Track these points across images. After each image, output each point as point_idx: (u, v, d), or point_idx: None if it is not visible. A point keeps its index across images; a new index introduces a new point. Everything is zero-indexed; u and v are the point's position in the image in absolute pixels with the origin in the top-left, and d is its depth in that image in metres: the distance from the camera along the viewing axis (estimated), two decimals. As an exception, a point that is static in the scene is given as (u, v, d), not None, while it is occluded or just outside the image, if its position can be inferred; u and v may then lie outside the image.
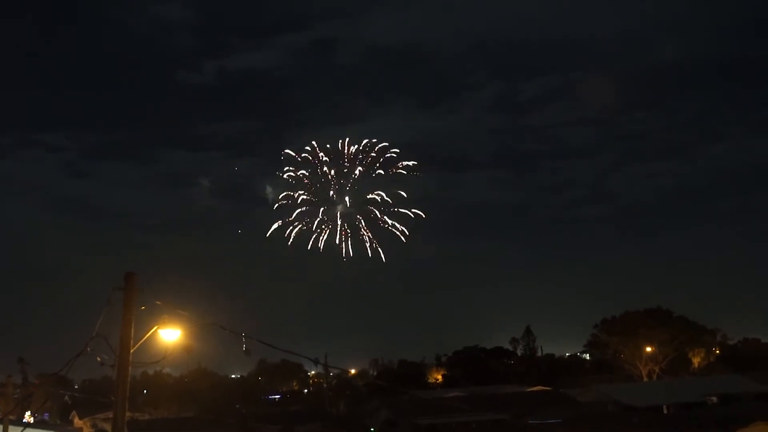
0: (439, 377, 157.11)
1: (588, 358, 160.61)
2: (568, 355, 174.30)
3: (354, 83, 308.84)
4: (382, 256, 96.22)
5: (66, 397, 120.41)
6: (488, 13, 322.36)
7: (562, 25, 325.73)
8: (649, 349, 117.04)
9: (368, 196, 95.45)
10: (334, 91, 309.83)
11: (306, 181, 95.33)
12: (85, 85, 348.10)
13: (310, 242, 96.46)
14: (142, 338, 18.35)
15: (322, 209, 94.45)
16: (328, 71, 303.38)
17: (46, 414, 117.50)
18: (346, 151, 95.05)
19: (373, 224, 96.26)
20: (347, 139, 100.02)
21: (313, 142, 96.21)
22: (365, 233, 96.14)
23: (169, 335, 18.79)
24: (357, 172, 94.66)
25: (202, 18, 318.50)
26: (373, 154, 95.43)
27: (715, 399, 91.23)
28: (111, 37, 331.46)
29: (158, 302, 18.31)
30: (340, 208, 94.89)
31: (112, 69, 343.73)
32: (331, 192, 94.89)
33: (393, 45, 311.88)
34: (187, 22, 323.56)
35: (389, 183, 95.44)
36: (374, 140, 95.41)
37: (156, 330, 18.57)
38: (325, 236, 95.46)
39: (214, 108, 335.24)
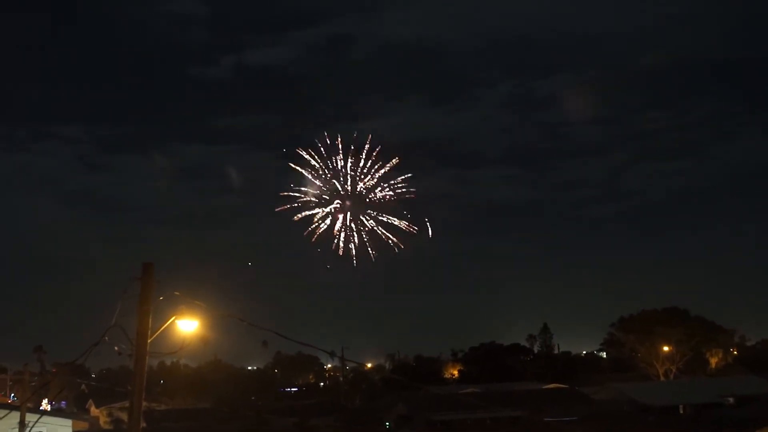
0: (455, 373, 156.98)
1: (605, 356, 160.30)
2: (585, 353, 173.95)
3: (368, 79, 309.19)
4: (371, 254, 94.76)
5: (83, 386, 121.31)
6: (502, 10, 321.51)
7: (575, 24, 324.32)
8: (666, 348, 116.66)
9: (377, 195, 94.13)
10: (348, 87, 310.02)
11: (315, 176, 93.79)
12: (100, 79, 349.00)
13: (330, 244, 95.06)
14: (159, 329, 18.39)
15: (331, 208, 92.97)
16: (342, 67, 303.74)
17: (63, 402, 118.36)
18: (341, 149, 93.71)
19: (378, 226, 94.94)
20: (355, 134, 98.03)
21: (325, 132, 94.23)
22: (365, 237, 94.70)
23: (187, 326, 18.80)
24: (366, 169, 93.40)
25: (218, 13, 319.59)
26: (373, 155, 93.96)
27: (731, 400, 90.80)
28: (127, 31, 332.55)
29: (177, 293, 18.34)
30: (347, 206, 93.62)
31: (128, 63, 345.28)
32: (341, 187, 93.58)
33: (407, 42, 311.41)
34: (203, 18, 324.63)
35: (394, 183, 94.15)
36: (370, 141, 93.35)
37: (174, 320, 18.61)
38: (340, 241, 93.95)
39: (229, 103, 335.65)
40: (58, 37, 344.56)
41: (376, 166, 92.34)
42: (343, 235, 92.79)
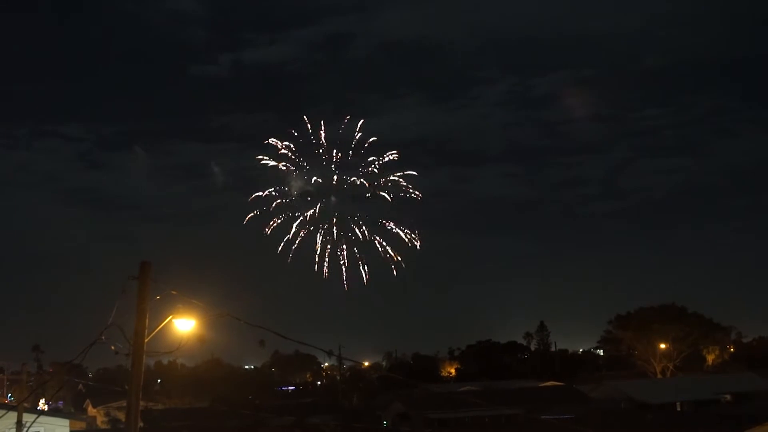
0: (453, 371, 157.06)
1: (602, 354, 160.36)
2: (582, 351, 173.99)
3: (367, 78, 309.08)
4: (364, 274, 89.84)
5: (80, 386, 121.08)
6: (501, 9, 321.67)
7: (575, 22, 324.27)
8: (663, 345, 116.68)
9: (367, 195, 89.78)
10: (347, 86, 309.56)
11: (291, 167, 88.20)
12: (100, 77, 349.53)
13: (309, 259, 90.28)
14: (156, 328, 18.37)
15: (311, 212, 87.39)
16: (341, 66, 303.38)
17: (60, 402, 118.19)
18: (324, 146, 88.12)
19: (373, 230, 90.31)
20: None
21: (305, 118, 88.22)
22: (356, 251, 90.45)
23: (184, 325, 18.81)
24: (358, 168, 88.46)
25: (217, 12, 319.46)
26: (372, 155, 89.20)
27: (728, 397, 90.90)
28: (126, 29, 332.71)
29: (174, 292, 18.33)
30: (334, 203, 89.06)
31: (127, 61, 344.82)
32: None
33: (406, 40, 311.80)
34: (202, 16, 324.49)
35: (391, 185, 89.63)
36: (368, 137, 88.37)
37: (171, 320, 18.60)
38: (324, 260, 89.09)
39: (227, 101, 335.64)
40: (58, 36, 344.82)
41: (368, 160, 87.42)
42: (327, 253, 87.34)
